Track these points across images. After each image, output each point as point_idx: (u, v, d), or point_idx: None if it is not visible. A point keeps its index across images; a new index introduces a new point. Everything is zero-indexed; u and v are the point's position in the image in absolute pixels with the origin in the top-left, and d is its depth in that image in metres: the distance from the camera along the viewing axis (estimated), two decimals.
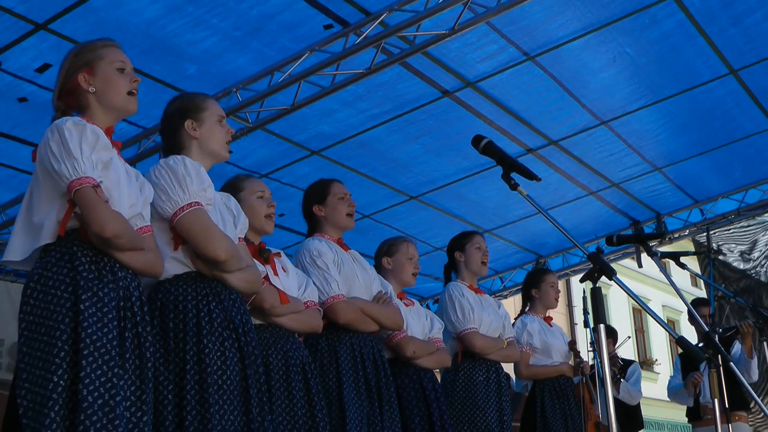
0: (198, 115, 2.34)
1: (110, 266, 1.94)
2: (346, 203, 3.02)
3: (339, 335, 2.83)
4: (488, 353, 3.51)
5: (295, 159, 5.06)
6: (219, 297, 2.19)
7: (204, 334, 2.10)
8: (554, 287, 4.24)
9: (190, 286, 2.17)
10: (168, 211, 2.17)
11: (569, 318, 14.09)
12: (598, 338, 1.84)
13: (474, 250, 3.67)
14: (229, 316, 2.18)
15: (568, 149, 5.47)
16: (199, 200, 2.19)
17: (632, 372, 5.35)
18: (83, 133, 1.93)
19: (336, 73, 4.15)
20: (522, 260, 7.13)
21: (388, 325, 3.00)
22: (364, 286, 2.97)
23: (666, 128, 5.38)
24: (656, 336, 17.73)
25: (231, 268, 2.21)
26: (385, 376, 2.89)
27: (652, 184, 6.14)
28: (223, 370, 2.09)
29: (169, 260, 2.17)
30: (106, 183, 1.95)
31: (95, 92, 2.05)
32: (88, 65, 2.06)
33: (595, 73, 4.68)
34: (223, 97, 4.23)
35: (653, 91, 4.93)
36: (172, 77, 4.11)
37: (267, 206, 2.67)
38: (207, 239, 2.15)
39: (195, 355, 2.08)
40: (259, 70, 4.19)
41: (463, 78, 4.56)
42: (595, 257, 1.90)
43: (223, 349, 2.12)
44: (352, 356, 2.80)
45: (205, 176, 2.25)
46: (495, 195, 5.85)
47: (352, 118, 4.76)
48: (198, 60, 4.05)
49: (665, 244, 6.79)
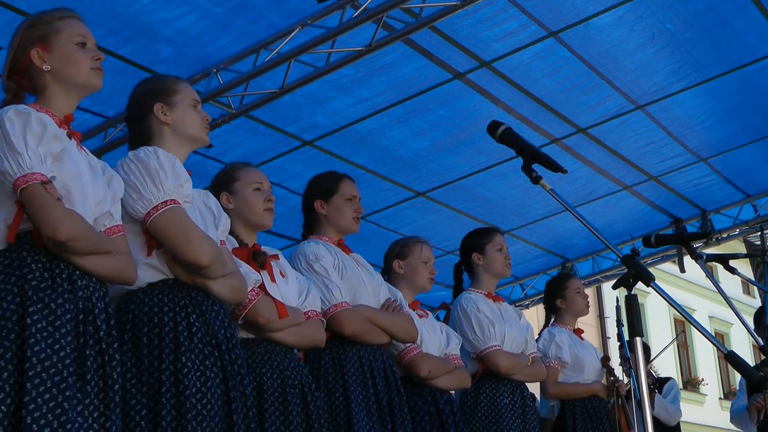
0: (169, 98, 2.34)
1: (67, 274, 1.91)
2: (353, 207, 3.02)
3: (345, 348, 2.83)
4: (514, 373, 3.52)
5: (285, 151, 5.07)
6: (200, 308, 2.19)
7: (182, 351, 2.10)
8: (581, 293, 4.25)
9: (166, 296, 2.16)
10: (140, 211, 2.17)
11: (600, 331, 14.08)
12: (634, 354, 1.84)
13: (495, 251, 3.66)
14: (211, 331, 2.17)
15: (599, 138, 5.46)
16: (175, 198, 2.18)
17: (669, 389, 5.35)
18: (27, 123, 1.92)
19: (331, 51, 4.15)
20: (545, 265, 7.12)
21: (400, 335, 3.00)
22: (371, 292, 2.98)
23: (712, 113, 5.37)
24: (702, 352, 17.69)
25: (214, 274, 2.20)
26: (398, 394, 2.90)
27: (696, 177, 6.14)
28: (203, 392, 2.09)
29: (143, 267, 2.17)
30: (62, 178, 1.93)
31: (51, 71, 2.04)
32: (43, 40, 2.05)
33: (630, 52, 4.67)
34: (201, 79, 4.24)
35: (697, 71, 4.92)
36: (143, 61, 4.11)
37: (265, 199, 2.67)
38: (187, 241, 2.15)
39: (172, 374, 2.07)
40: (242, 49, 4.19)
41: (478, 58, 4.56)
42: (631, 261, 1.89)
43: (204, 369, 2.11)
44: (361, 371, 2.80)
45: (182, 170, 2.25)
46: (514, 191, 5.85)
47: (351, 108, 4.76)
48: (173, 41, 4.05)
49: (712, 246, 6.79)
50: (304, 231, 3.10)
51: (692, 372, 17.34)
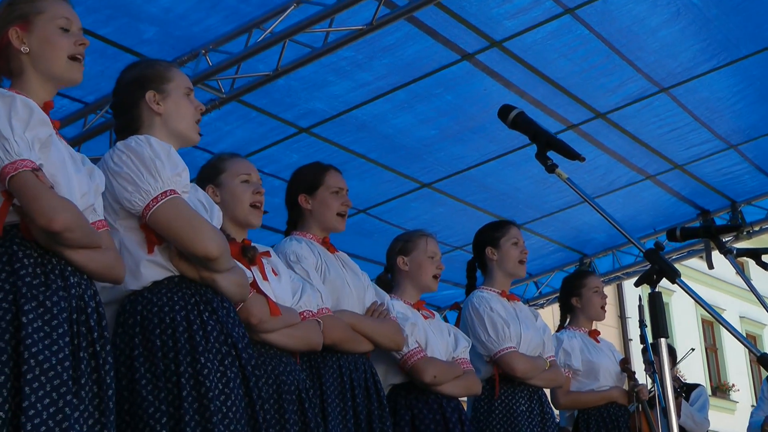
0: (162, 85, 2.34)
1: (60, 269, 1.91)
2: (339, 200, 3.03)
3: (323, 357, 2.82)
4: (531, 377, 3.52)
5: (279, 139, 5.07)
6: (211, 305, 2.19)
7: (200, 352, 2.10)
8: (599, 293, 4.24)
9: (175, 294, 2.17)
10: (138, 204, 2.16)
11: (621, 332, 14.10)
12: (658, 356, 1.83)
13: (510, 246, 3.66)
14: (225, 329, 2.18)
15: (619, 124, 5.45)
16: (174, 188, 2.18)
17: (697, 396, 5.35)
18: (12, 107, 1.91)
19: (329, 30, 4.15)
20: (562, 261, 7.13)
21: (384, 343, 3.00)
22: (355, 296, 2.98)
23: (743, 95, 5.36)
24: (733, 355, 17.70)
25: (223, 267, 2.21)
26: (380, 406, 2.89)
27: (725, 166, 6.13)
28: (226, 394, 2.09)
29: (145, 264, 2.17)
30: (48, 167, 1.93)
31: (29, 53, 2.03)
32: (23, 19, 2.05)
33: (653, 29, 4.66)
34: (188, 60, 4.24)
35: (727, 50, 4.91)
36: (125, 41, 4.11)
37: (253, 192, 2.67)
38: (194, 232, 2.14)
39: (191, 377, 2.07)
40: (233, 28, 4.19)
41: (488, 37, 4.55)
42: (654, 256, 1.89)
43: (224, 369, 2.12)
44: (340, 382, 2.81)
45: (178, 159, 2.25)
46: (527, 181, 5.85)
47: (351, 93, 4.76)
48: (158, 20, 4.05)
49: (742, 240, 6.77)
50: (287, 227, 3.11)
51: (722, 377, 17.35)
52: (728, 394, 16.89)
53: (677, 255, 7.05)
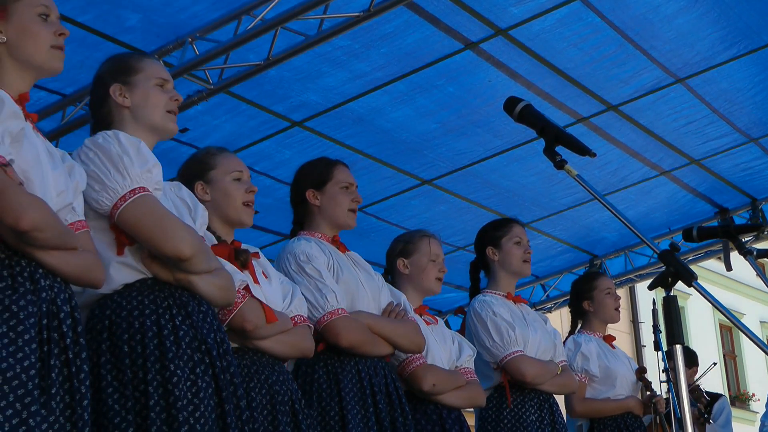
0: (128, 78, 2.36)
1: (30, 272, 1.91)
2: (349, 195, 3.04)
3: (341, 361, 2.84)
4: (541, 382, 3.52)
5: (271, 133, 5.07)
6: (185, 309, 2.20)
7: (170, 359, 2.10)
8: (611, 294, 4.26)
9: (146, 297, 2.17)
10: (105, 203, 2.18)
11: (634, 338, 14.12)
12: (673, 363, 1.84)
13: (512, 245, 3.67)
14: (199, 335, 2.18)
15: (632, 116, 5.46)
16: (144, 185, 2.20)
17: (720, 409, 5.36)
18: None
19: (323, 18, 4.16)
20: (571, 262, 7.15)
21: (404, 345, 3.01)
22: (370, 296, 2.99)
23: (764, 86, 5.38)
24: (753, 362, 17.73)
25: (198, 268, 2.21)
26: (402, 413, 2.91)
27: (745, 160, 6.15)
28: (195, 405, 2.10)
29: (116, 266, 2.18)
30: (20, 162, 1.93)
31: (6, 42, 2.05)
32: (0, 6, 2.06)
33: (668, 17, 4.67)
34: (174, 50, 4.25)
35: (747, 38, 4.92)
36: (107, 29, 4.11)
37: (246, 191, 2.68)
38: (163, 231, 2.16)
39: (159, 386, 2.08)
40: (221, 15, 4.19)
41: (493, 24, 4.55)
42: (669, 257, 1.90)
43: (195, 378, 2.12)
44: (360, 387, 2.81)
45: (149, 154, 2.26)
46: (535, 178, 5.87)
47: (347, 84, 4.76)
48: (141, 6, 4.05)
49: (763, 240, 6.79)
50: (293, 227, 3.11)
51: (741, 386, 17.38)
52: (748, 405, 16.91)
53: (694, 256, 7.07)
